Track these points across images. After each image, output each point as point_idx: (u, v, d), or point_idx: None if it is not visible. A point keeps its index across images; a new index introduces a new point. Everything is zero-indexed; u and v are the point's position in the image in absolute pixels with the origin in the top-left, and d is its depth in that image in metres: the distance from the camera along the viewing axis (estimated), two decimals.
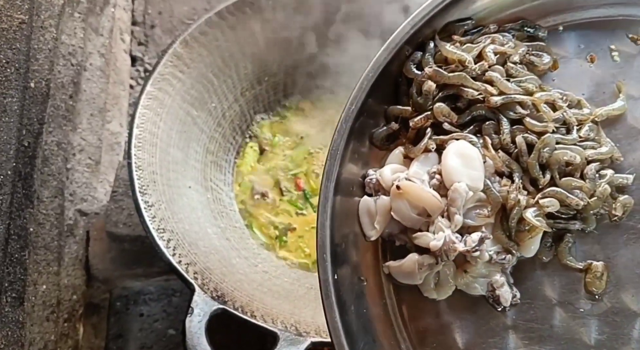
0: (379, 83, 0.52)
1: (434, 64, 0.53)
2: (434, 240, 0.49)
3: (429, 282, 0.51)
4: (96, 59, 0.97)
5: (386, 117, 0.55)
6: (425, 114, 0.52)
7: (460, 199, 0.49)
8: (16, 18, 0.70)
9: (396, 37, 0.52)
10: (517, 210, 0.50)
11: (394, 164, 0.53)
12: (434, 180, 0.51)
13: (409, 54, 0.54)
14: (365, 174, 0.53)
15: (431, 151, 0.52)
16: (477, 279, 0.51)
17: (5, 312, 0.64)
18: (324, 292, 0.48)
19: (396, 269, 0.52)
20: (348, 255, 0.51)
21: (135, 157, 0.70)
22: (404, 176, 0.51)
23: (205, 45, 0.79)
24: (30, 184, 0.72)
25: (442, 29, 0.54)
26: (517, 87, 0.52)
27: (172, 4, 1.20)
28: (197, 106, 0.81)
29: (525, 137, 0.51)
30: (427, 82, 0.52)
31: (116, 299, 0.93)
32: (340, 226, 0.50)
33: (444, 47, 0.53)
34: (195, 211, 0.76)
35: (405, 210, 0.51)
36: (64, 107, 0.85)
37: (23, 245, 0.70)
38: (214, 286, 0.65)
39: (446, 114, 0.52)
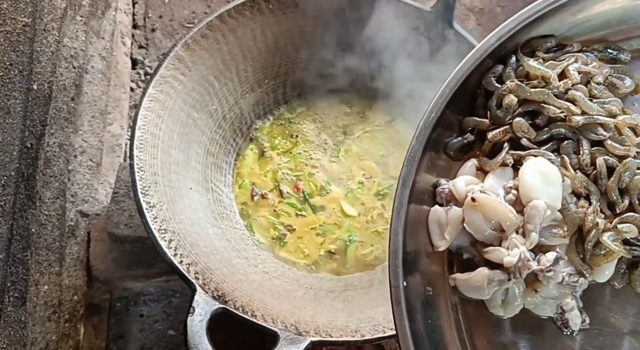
0: (457, 93, 0.51)
1: (515, 79, 0.52)
2: (509, 257, 0.48)
3: (496, 299, 0.50)
4: (97, 62, 0.98)
5: (461, 128, 0.54)
6: (504, 128, 0.52)
7: (538, 216, 0.48)
8: (20, 21, 0.71)
9: (480, 49, 0.52)
10: (594, 233, 0.49)
11: (467, 175, 0.52)
12: (510, 195, 0.50)
13: (490, 67, 0.53)
14: (437, 184, 0.53)
15: (508, 166, 0.51)
16: (546, 300, 0.50)
17: (8, 312, 0.65)
18: (394, 298, 0.47)
19: (463, 282, 0.51)
20: (416, 264, 0.50)
21: (137, 159, 0.70)
22: (478, 188, 0.50)
23: (206, 48, 0.80)
24: (32, 185, 0.73)
25: (524, 44, 0.54)
26: (600, 109, 0.52)
27: (173, 7, 1.21)
28: (198, 108, 0.82)
29: (606, 160, 0.50)
30: (509, 95, 0.51)
31: (116, 300, 0.93)
32: (410, 234, 0.49)
33: (526, 62, 0.53)
34: (196, 212, 0.77)
35: (479, 223, 0.50)
36: (66, 109, 0.86)
37: (25, 245, 0.70)
38: (214, 286, 0.66)
39: (525, 129, 0.51)
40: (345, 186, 0.88)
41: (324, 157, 0.90)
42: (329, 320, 0.68)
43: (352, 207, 0.87)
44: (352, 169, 0.89)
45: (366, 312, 0.70)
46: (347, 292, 0.77)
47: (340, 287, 0.79)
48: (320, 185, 0.88)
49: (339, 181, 0.89)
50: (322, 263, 0.83)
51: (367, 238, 0.85)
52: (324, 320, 0.67)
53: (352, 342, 0.65)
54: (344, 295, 0.76)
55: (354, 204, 0.87)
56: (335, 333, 0.65)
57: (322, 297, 0.76)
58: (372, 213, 0.86)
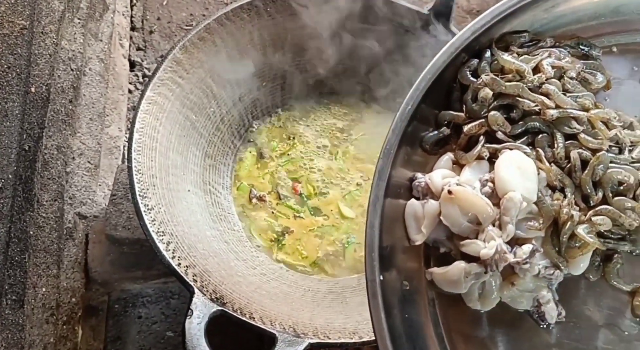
0: (433, 87, 0.51)
1: (490, 73, 0.53)
2: (485, 249, 0.48)
3: (473, 292, 0.50)
4: (95, 64, 0.98)
5: (437, 122, 0.54)
6: (480, 121, 0.52)
7: (514, 208, 0.48)
8: (17, 24, 0.71)
9: (455, 43, 0.52)
10: (569, 226, 0.49)
11: (443, 169, 0.52)
12: (486, 188, 0.50)
13: (465, 61, 0.54)
14: (413, 177, 0.52)
15: (484, 159, 0.51)
16: (523, 293, 0.50)
17: (6, 315, 0.65)
18: (370, 292, 0.47)
19: (440, 276, 0.50)
20: (393, 258, 0.50)
21: (135, 161, 0.70)
22: (454, 181, 0.50)
23: (204, 51, 0.80)
24: (30, 188, 0.73)
25: (499, 39, 0.54)
26: (574, 103, 0.52)
27: (171, 10, 1.22)
28: (196, 111, 0.82)
29: (580, 153, 0.51)
30: (484, 89, 0.52)
31: (115, 302, 0.93)
32: (387, 228, 0.49)
33: (501, 56, 0.53)
34: (194, 214, 0.77)
35: (456, 216, 0.50)
36: (64, 111, 0.86)
37: (23, 248, 0.70)
38: (213, 288, 0.66)
39: (500, 123, 0.52)
40: (343, 188, 0.88)
41: (322, 159, 0.90)
42: (327, 322, 0.68)
43: (350, 209, 0.87)
44: (349, 171, 0.90)
45: (364, 314, 0.70)
46: (345, 294, 0.78)
47: (338, 289, 0.79)
48: (318, 187, 0.88)
49: (337, 183, 0.89)
50: (320, 265, 0.84)
51: None
52: (322, 322, 0.68)
53: (350, 344, 0.65)
54: (342, 297, 0.77)
55: (352, 206, 0.87)
56: (333, 335, 0.65)
57: (320, 299, 0.76)
58: None
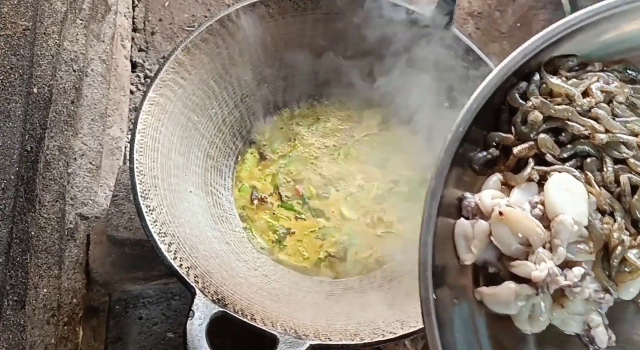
0: (482, 109, 0.52)
1: (539, 96, 0.53)
2: (537, 271, 0.48)
3: (523, 313, 0.50)
4: (97, 65, 0.98)
5: (485, 143, 0.55)
6: (530, 144, 0.53)
7: (565, 231, 0.48)
8: (20, 25, 0.71)
9: (507, 65, 0.53)
10: (620, 250, 0.49)
11: (492, 189, 0.53)
12: (536, 210, 0.51)
13: (514, 84, 0.54)
14: (462, 197, 0.53)
15: (533, 181, 0.52)
16: (573, 316, 0.50)
17: (7, 316, 0.65)
18: (425, 310, 0.47)
19: (490, 296, 0.51)
20: (444, 277, 0.51)
21: (137, 162, 0.70)
22: (504, 202, 0.51)
23: (206, 52, 0.80)
24: (32, 188, 0.73)
25: (547, 63, 0.55)
26: (623, 127, 0.53)
27: (173, 11, 1.22)
28: (198, 112, 0.82)
29: (630, 178, 0.51)
30: (534, 112, 0.53)
31: (115, 303, 0.93)
32: (438, 247, 0.50)
33: (550, 80, 0.54)
34: (195, 215, 0.77)
35: (506, 237, 0.50)
36: (66, 112, 0.86)
37: (25, 248, 0.70)
38: (214, 289, 0.66)
39: (550, 146, 0.52)
40: (345, 190, 0.88)
41: (324, 161, 0.90)
42: (328, 323, 0.68)
43: (351, 211, 0.87)
44: (351, 173, 0.90)
45: (365, 316, 0.70)
46: (347, 296, 0.78)
47: (340, 291, 0.79)
48: (320, 188, 0.88)
49: (339, 185, 0.89)
50: (322, 266, 0.84)
51: (367, 241, 0.85)
52: (323, 324, 0.68)
53: (352, 345, 0.65)
54: (343, 299, 0.77)
55: (354, 208, 0.87)
56: (334, 336, 0.65)
57: (321, 301, 0.76)
58: (372, 216, 0.86)
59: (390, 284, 0.78)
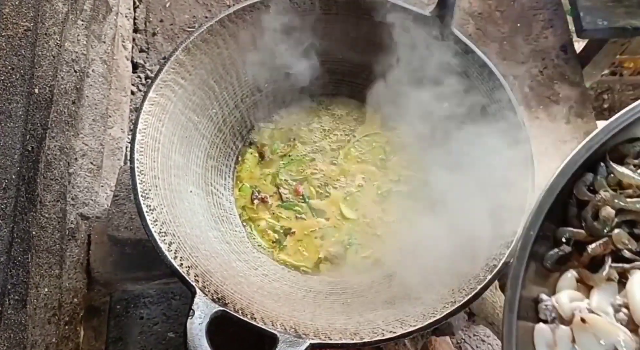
0: (551, 205, 0.51)
1: (608, 188, 0.52)
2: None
3: None
4: (98, 66, 0.99)
5: (555, 238, 0.54)
6: (604, 241, 0.51)
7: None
8: (22, 25, 0.71)
9: (572, 161, 0.52)
10: None
11: (569, 289, 0.52)
12: (621, 313, 0.49)
13: (579, 176, 0.53)
14: (538, 299, 0.52)
15: (613, 280, 0.51)
16: None
17: (8, 315, 0.65)
18: None
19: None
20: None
21: (137, 162, 0.70)
22: (585, 306, 0.50)
23: (206, 53, 0.81)
24: (33, 188, 0.73)
25: (612, 150, 0.54)
26: None
27: (173, 12, 1.22)
28: (198, 112, 0.82)
29: None
30: (606, 208, 0.51)
31: (116, 303, 0.93)
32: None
33: (618, 170, 0.53)
34: (196, 215, 0.77)
35: (592, 345, 0.49)
36: (67, 112, 0.86)
37: (26, 248, 0.71)
38: (214, 289, 0.66)
39: (626, 241, 0.51)
40: (345, 189, 0.88)
41: (324, 161, 0.91)
42: (328, 322, 0.68)
43: (351, 210, 0.87)
44: (351, 173, 0.90)
45: (365, 315, 0.70)
46: (346, 295, 0.78)
47: (340, 290, 0.79)
48: (320, 188, 0.89)
49: (339, 184, 0.89)
50: (321, 266, 0.84)
51: (367, 241, 0.85)
52: (323, 323, 0.68)
53: (351, 344, 0.65)
54: (343, 298, 0.77)
55: (354, 208, 0.87)
56: (334, 336, 0.65)
57: (321, 300, 0.76)
58: (372, 216, 0.86)
59: (390, 284, 0.78)
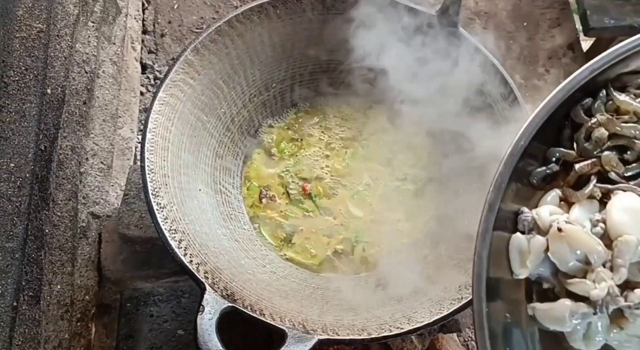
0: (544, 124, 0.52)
1: (605, 113, 0.53)
2: (596, 290, 0.47)
3: (577, 332, 0.49)
4: (108, 67, 1.00)
5: (545, 158, 0.54)
6: (592, 161, 0.52)
7: (629, 252, 0.47)
8: (35, 27, 0.73)
9: (572, 81, 0.52)
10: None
11: (550, 205, 0.53)
12: (597, 228, 0.50)
13: (578, 100, 0.54)
14: (519, 211, 0.53)
15: (595, 199, 0.51)
16: (631, 338, 0.49)
17: (23, 310, 0.66)
18: (477, 323, 0.47)
19: (544, 312, 0.50)
20: (497, 290, 0.50)
21: (148, 161, 0.72)
22: (564, 219, 0.50)
23: (215, 53, 0.82)
24: (46, 187, 0.75)
25: (615, 79, 0.54)
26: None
27: (182, 13, 1.24)
28: (207, 111, 0.83)
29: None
30: (600, 129, 0.52)
31: (126, 300, 0.95)
32: (493, 260, 0.50)
33: (618, 97, 0.53)
34: (205, 213, 0.78)
35: (565, 254, 0.49)
36: (78, 113, 0.88)
37: (39, 245, 0.72)
38: (224, 285, 0.67)
39: (614, 164, 0.51)
40: (352, 188, 0.89)
41: (331, 160, 0.91)
42: (336, 319, 0.69)
43: (358, 209, 0.88)
44: (358, 171, 0.90)
45: (372, 311, 0.70)
46: (354, 292, 0.78)
47: (347, 287, 0.80)
48: (327, 187, 0.89)
49: (346, 183, 0.90)
50: (329, 263, 0.84)
51: (373, 239, 0.86)
52: (331, 319, 0.68)
53: (359, 340, 0.66)
54: (350, 295, 0.77)
55: (361, 205, 0.88)
56: (342, 332, 0.66)
57: (329, 297, 0.77)
58: (379, 214, 0.87)
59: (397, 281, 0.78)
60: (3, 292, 0.62)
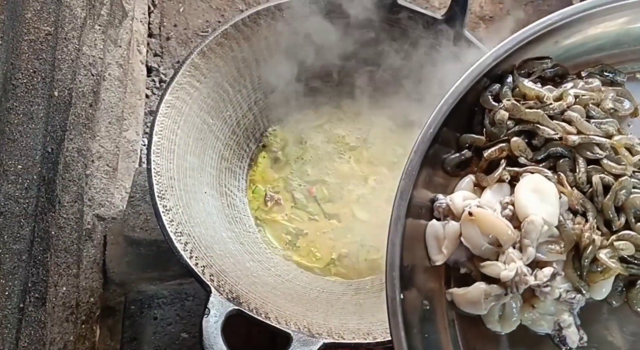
0: (455, 111, 0.52)
1: (512, 98, 0.53)
2: (506, 271, 0.48)
3: (493, 314, 0.50)
4: (114, 70, 1.00)
5: (458, 144, 0.55)
6: (500, 146, 0.53)
7: (535, 231, 0.48)
8: (43, 30, 0.73)
9: (478, 68, 0.53)
10: (591, 250, 0.49)
11: (464, 191, 0.53)
12: (507, 210, 0.50)
13: (487, 86, 0.55)
14: (434, 198, 0.53)
15: (505, 182, 0.52)
16: (544, 316, 0.50)
17: (29, 312, 0.67)
18: (390, 310, 0.47)
19: (460, 296, 0.51)
20: (413, 278, 0.50)
21: (154, 163, 0.72)
22: (475, 203, 0.51)
23: (221, 56, 0.82)
24: (52, 189, 0.75)
25: (520, 65, 0.55)
26: (597, 129, 0.53)
27: (187, 16, 1.24)
28: (213, 114, 0.84)
29: (602, 178, 0.51)
30: (500, 111, 0.52)
31: (131, 303, 0.95)
32: (408, 247, 0.50)
33: (522, 82, 0.54)
34: (210, 216, 0.78)
35: (476, 238, 0.50)
36: (84, 115, 0.88)
37: (45, 247, 0.72)
38: (229, 288, 0.67)
39: (522, 149, 0.52)
40: (357, 191, 0.89)
41: (336, 163, 0.91)
42: (341, 322, 0.69)
43: (363, 212, 0.88)
44: (363, 175, 0.90)
45: (377, 315, 0.70)
46: (359, 296, 0.78)
47: (352, 291, 0.80)
48: (332, 190, 0.89)
49: (351, 187, 0.90)
50: (334, 267, 0.84)
51: (378, 242, 0.86)
52: (336, 323, 0.68)
53: (364, 344, 0.66)
54: (355, 299, 0.77)
55: (366, 209, 0.88)
56: (347, 335, 0.66)
57: (334, 300, 0.77)
58: (384, 218, 0.87)
59: None
60: (10, 294, 0.62)
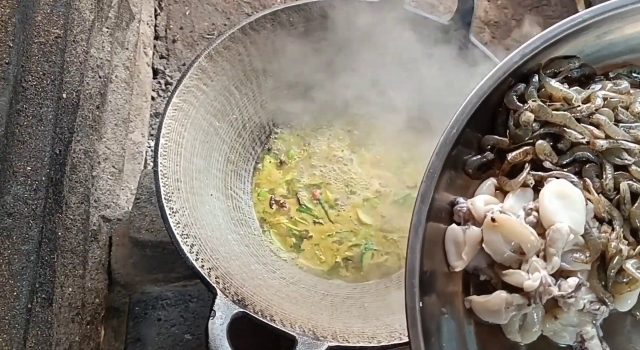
0: (478, 111, 0.50)
1: (538, 98, 0.51)
2: (529, 280, 0.46)
3: (514, 324, 0.48)
4: (121, 72, 1.01)
5: (480, 146, 0.53)
6: (525, 149, 0.51)
7: (561, 240, 0.46)
8: (52, 32, 0.74)
9: (503, 66, 0.51)
10: (617, 260, 0.47)
11: (486, 194, 0.51)
12: (531, 217, 0.49)
13: (512, 85, 0.52)
14: (454, 202, 0.51)
15: (529, 187, 0.50)
16: (566, 328, 0.48)
17: (36, 312, 0.67)
18: (410, 320, 0.45)
19: (480, 304, 0.49)
20: (432, 284, 0.49)
21: (161, 165, 0.72)
22: (498, 208, 0.49)
23: (228, 60, 0.83)
24: (60, 190, 0.75)
25: (547, 64, 0.53)
26: (625, 134, 0.50)
27: (193, 19, 1.25)
28: (219, 117, 0.84)
29: (630, 185, 0.49)
30: (526, 113, 0.50)
31: (135, 304, 0.95)
32: (427, 253, 0.48)
33: (549, 82, 0.52)
34: (216, 218, 0.78)
35: (499, 244, 0.48)
36: (91, 117, 0.88)
37: (52, 248, 0.73)
38: (234, 291, 0.67)
39: (548, 153, 0.50)
40: (362, 195, 0.90)
41: (341, 166, 0.92)
42: (346, 326, 0.69)
43: (368, 216, 0.88)
44: (368, 178, 0.91)
45: (382, 319, 0.71)
46: (364, 299, 0.78)
47: (357, 294, 0.80)
48: (337, 193, 0.90)
49: (356, 190, 0.90)
50: (339, 270, 0.85)
51: (383, 246, 0.86)
52: (341, 326, 0.69)
53: (369, 347, 0.66)
54: (360, 302, 0.78)
55: (370, 213, 0.88)
56: (352, 339, 0.66)
57: (338, 304, 0.77)
58: (388, 221, 0.87)
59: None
60: (19, 295, 0.62)
